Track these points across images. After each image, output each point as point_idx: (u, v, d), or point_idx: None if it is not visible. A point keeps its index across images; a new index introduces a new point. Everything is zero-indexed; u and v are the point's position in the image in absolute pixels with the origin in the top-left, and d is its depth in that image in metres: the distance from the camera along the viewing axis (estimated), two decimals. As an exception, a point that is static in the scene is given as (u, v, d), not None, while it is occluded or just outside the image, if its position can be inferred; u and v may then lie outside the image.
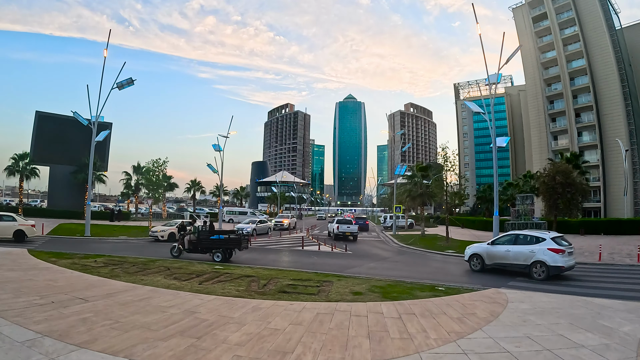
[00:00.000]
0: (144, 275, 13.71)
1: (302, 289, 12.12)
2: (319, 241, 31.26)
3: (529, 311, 9.71)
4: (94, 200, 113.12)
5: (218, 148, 46.92)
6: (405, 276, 16.34)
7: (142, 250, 23.41)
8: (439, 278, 16.39)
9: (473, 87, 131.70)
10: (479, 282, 15.25)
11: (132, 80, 33.23)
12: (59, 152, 49.99)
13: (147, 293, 10.58)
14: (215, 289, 11.43)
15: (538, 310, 9.79)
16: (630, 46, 67.66)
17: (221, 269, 15.89)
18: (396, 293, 11.98)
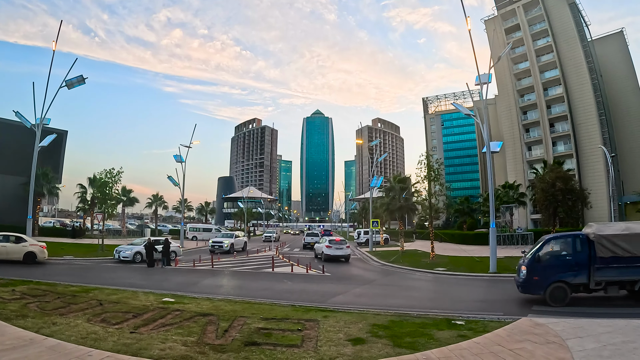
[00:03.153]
0: (61, 315, 10.01)
1: (278, 335, 8.67)
2: (291, 261, 27.59)
3: (605, 354, 7.53)
4: (53, 215, 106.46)
5: (180, 159, 43.28)
6: (404, 305, 13.40)
7: (83, 275, 19.62)
8: (445, 305, 13.86)
9: (442, 101, 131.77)
10: (495, 308, 12.88)
11: (83, 78, 29.23)
12: (7, 161, 44.93)
13: (40, 356, 6.94)
14: (152, 343, 7.82)
15: (616, 351, 7.66)
16: (600, 58, 68.01)
17: (171, 302, 12.23)
18: (409, 336, 8.76)
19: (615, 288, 13.16)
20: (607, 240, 12.93)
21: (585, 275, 13.10)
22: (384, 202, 40.69)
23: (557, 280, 13.20)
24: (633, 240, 12.85)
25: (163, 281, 18.68)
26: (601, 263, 12.95)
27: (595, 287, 13.15)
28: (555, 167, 28.43)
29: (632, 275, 12.85)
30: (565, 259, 13.53)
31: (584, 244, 13.38)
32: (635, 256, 12.76)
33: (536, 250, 14.05)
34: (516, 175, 66.86)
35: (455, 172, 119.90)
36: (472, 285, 18.77)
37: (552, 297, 13.16)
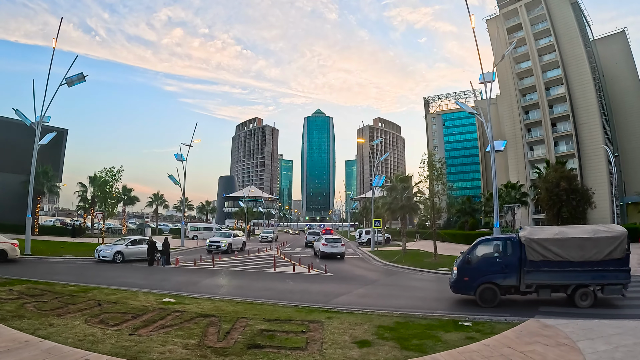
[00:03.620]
0: (59, 316, 9.79)
1: (282, 338, 8.43)
2: (292, 261, 27.31)
3: (618, 356, 7.42)
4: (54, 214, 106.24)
5: (181, 158, 42.95)
6: (409, 306, 13.18)
7: (82, 274, 19.36)
8: (450, 306, 13.63)
9: (443, 101, 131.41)
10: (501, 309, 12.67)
11: (84, 75, 28.99)
12: (7, 160, 44.73)
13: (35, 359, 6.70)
14: (151, 346, 7.58)
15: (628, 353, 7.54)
16: (602, 58, 67.73)
17: (172, 303, 11.98)
18: (416, 338, 8.54)
19: (547, 291, 13.24)
20: (537, 244, 13.04)
21: (515, 278, 13.24)
22: (386, 202, 40.36)
23: (486, 282, 13.36)
24: (565, 244, 12.95)
25: (163, 281, 18.43)
26: (531, 266, 13.06)
27: (526, 289, 13.26)
28: (559, 167, 28.19)
29: (564, 280, 12.95)
30: (495, 261, 13.65)
31: (515, 247, 13.50)
32: (566, 260, 12.86)
33: (467, 252, 14.27)
34: (518, 175, 66.58)
35: (456, 171, 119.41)
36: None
37: (482, 297, 13.30)
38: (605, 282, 12.68)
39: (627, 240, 12.85)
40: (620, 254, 12.62)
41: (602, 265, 12.63)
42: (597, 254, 12.65)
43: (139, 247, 26.56)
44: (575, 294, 12.84)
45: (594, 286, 12.77)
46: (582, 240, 12.91)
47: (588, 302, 12.67)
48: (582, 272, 12.75)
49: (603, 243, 12.69)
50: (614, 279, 12.61)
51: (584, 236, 13.03)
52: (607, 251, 12.59)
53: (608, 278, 12.64)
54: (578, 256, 12.76)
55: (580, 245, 12.84)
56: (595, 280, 12.70)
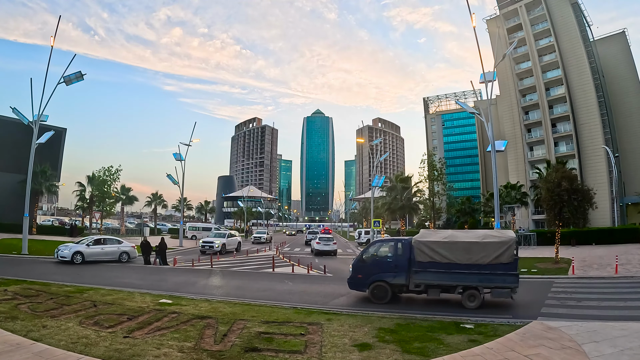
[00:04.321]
0: (52, 317, 9.62)
1: (280, 341, 8.25)
2: (291, 261, 27.16)
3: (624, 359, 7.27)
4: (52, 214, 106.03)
5: (179, 157, 42.79)
6: (410, 307, 13.12)
7: (80, 274, 19.13)
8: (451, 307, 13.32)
9: (442, 101, 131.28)
10: (503, 311, 12.54)
11: (82, 74, 28.75)
12: (5, 159, 44.49)
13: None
14: (146, 348, 7.38)
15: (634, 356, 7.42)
16: (602, 59, 67.60)
17: (168, 304, 11.79)
18: (417, 341, 8.35)
19: (436, 291, 13.59)
20: (425, 246, 13.55)
21: (404, 277, 13.76)
22: (386, 202, 40.39)
23: (378, 280, 14.01)
24: (452, 247, 13.38)
25: (161, 281, 18.23)
26: (419, 267, 13.55)
27: (415, 288, 13.74)
28: (560, 167, 27.94)
29: (451, 281, 13.32)
30: (386, 261, 14.31)
31: (405, 249, 14.07)
32: (453, 263, 13.25)
33: (362, 252, 15.33)
34: (518, 175, 66.42)
35: (455, 172, 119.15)
36: (477, 287, 18.34)
37: (374, 294, 13.97)
38: (493, 285, 13.06)
39: (516, 246, 13.23)
40: (508, 259, 12.94)
41: (489, 268, 12.99)
42: (484, 258, 12.99)
43: (101, 248, 24.90)
44: (463, 294, 13.25)
45: (481, 288, 13.12)
46: (470, 244, 13.39)
47: (475, 303, 12.98)
48: (469, 274, 13.14)
49: (491, 248, 13.05)
50: (502, 283, 12.95)
51: (472, 240, 13.56)
52: (495, 255, 12.93)
53: (496, 281, 13.01)
54: (465, 259, 13.16)
55: (467, 248, 13.25)
56: (483, 283, 13.10)
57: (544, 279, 19.21)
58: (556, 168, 27.85)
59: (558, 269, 21.71)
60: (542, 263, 24.25)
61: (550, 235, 33.68)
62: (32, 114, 28.33)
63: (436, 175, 29.51)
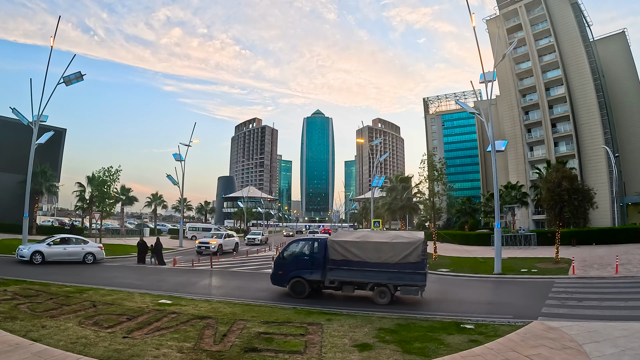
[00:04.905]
0: (52, 317, 9.58)
1: (280, 341, 8.21)
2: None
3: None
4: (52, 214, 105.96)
5: (179, 158, 42.74)
6: (410, 307, 13.08)
7: (80, 274, 19.09)
8: (452, 307, 13.61)
9: (442, 102, 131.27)
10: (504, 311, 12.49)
11: (81, 74, 28.69)
12: (5, 159, 44.45)
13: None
14: (145, 349, 7.35)
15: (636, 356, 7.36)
16: (602, 59, 67.56)
17: (168, 304, 11.76)
18: (418, 341, 8.32)
19: (350, 287, 14.46)
20: (338, 245, 14.44)
21: (320, 274, 14.64)
22: (386, 202, 40.33)
23: (296, 276, 14.94)
24: (363, 247, 14.26)
25: (161, 281, 18.19)
26: (333, 264, 14.43)
27: (330, 284, 14.61)
28: (560, 167, 27.91)
29: (362, 278, 14.13)
30: (304, 259, 15.26)
31: (321, 247, 14.99)
32: (364, 261, 14.07)
33: (282, 250, 16.43)
34: (518, 175, 66.39)
35: (455, 172, 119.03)
36: (478, 287, 18.35)
37: (293, 289, 14.90)
38: (402, 283, 13.80)
39: (424, 246, 14.05)
40: (415, 259, 13.64)
41: (398, 267, 13.72)
42: (393, 257, 13.77)
43: (63, 248, 23.44)
44: (374, 291, 14.06)
45: (391, 285, 13.86)
46: (379, 244, 14.30)
47: (385, 300, 13.76)
48: (380, 272, 13.90)
49: (399, 248, 13.85)
50: (410, 281, 13.67)
51: (381, 240, 14.53)
52: (403, 255, 13.69)
53: (404, 279, 13.73)
54: (375, 258, 13.96)
55: (377, 248, 14.11)
56: (392, 281, 13.84)
57: (545, 279, 19.18)
58: (556, 168, 27.83)
59: (558, 269, 21.68)
60: (542, 263, 24.24)
61: (550, 235, 33.63)
62: (32, 115, 28.26)
63: (436, 175, 29.33)
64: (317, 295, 15.08)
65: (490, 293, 17.01)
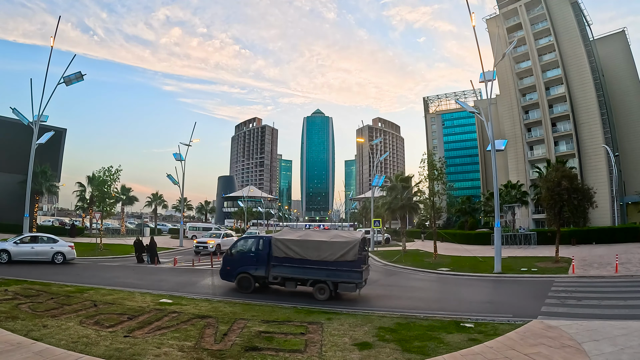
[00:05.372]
0: (53, 317, 9.61)
1: (280, 340, 8.25)
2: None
3: (624, 358, 7.28)
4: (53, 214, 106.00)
5: (179, 157, 42.73)
6: (409, 306, 13.04)
7: (80, 274, 19.12)
8: (452, 306, 13.48)
9: (442, 101, 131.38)
10: (503, 309, 12.49)
11: (82, 74, 28.71)
12: (5, 159, 44.45)
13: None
14: (146, 348, 7.39)
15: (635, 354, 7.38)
16: (602, 58, 67.56)
17: (168, 304, 11.80)
18: (417, 340, 8.35)
19: (292, 283, 15.15)
20: (281, 243, 15.10)
21: (264, 270, 15.40)
22: (386, 202, 40.12)
23: (243, 272, 15.72)
24: (304, 245, 14.90)
25: (161, 281, 18.23)
26: (276, 261, 15.13)
27: (273, 280, 15.27)
28: (560, 166, 27.91)
29: (303, 275, 14.80)
30: (249, 255, 16.07)
31: (265, 245, 15.77)
32: (305, 258, 14.69)
33: (231, 247, 17.19)
34: (518, 174, 66.41)
35: (455, 171, 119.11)
36: (478, 286, 18.36)
37: (240, 284, 15.69)
38: (339, 280, 14.39)
39: (360, 246, 14.69)
40: (352, 257, 14.24)
41: (336, 265, 14.36)
42: (331, 255, 14.39)
43: (31, 247, 22.53)
44: (314, 287, 14.69)
45: (330, 282, 14.43)
46: (319, 242, 14.92)
47: (324, 296, 14.39)
48: (319, 269, 14.54)
49: (337, 247, 14.45)
50: (347, 278, 14.28)
51: (321, 239, 15.18)
52: (340, 254, 14.28)
53: (342, 277, 14.36)
54: (315, 256, 14.58)
55: (317, 247, 14.73)
56: (330, 278, 14.43)
57: (544, 278, 19.20)
58: (556, 167, 27.83)
59: (558, 268, 21.68)
60: (542, 262, 24.25)
61: (550, 235, 33.69)
62: (32, 115, 28.32)
63: (436, 174, 29.34)
64: (265, 289, 15.94)
65: (490, 292, 17.02)
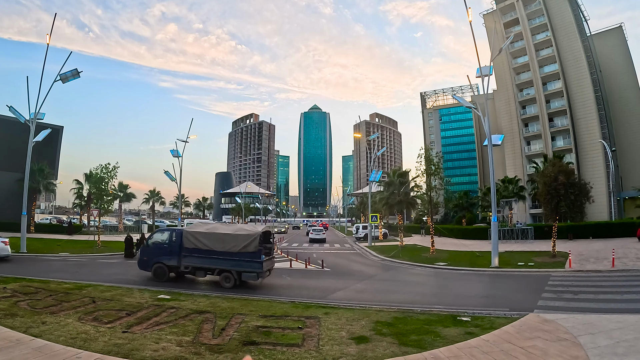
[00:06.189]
0: (52, 314, 9.65)
1: (278, 334, 8.31)
2: (289, 256, 27.24)
3: (620, 351, 7.26)
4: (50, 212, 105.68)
5: (177, 154, 42.64)
6: (407, 301, 13.11)
7: (78, 271, 19.16)
8: (449, 300, 13.48)
9: (439, 96, 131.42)
10: (500, 304, 12.53)
11: (78, 72, 28.68)
12: (2, 157, 44.38)
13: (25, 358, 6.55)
14: (145, 343, 7.45)
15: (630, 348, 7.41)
16: (599, 53, 67.51)
17: (167, 299, 11.85)
18: (414, 334, 8.41)
19: (202, 272, 16.46)
20: (190, 236, 16.38)
21: (176, 260, 16.57)
22: (383, 197, 40.21)
23: (158, 262, 16.84)
24: (210, 237, 16.20)
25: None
26: (186, 252, 16.38)
27: (184, 269, 16.55)
28: (557, 161, 27.97)
29: (210, 264, 16.08)
30: (164, 246, 17.14)
31: (177, 237, 16.89)
32: (212, 250, 15.99)
33: (147, 238, 18.25)
34: (515, 169, 66.44)
35: (453, 166, 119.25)
36: (475, 280, 18.45)
37: (155, 274, 16.78)
38: (242, 269, 15.72)
39: (260, 239, 15.93)
40: (253, 249, 15.61)
41: (239, 256, 15.71)
42: (235, 247, 15.75)
43: None
44: (220, 276, 15.96)
45: (234, 272, 15.72)
46: (224, 235, 16.21)
47: (230, 284, 15.65)
48: (224, 260, 15.86)
49: (240, 239, 15.78)
50: (249, 268, 15.66)
51: (225, 232, 16.46)
52: (242, 245, 15.64)
53: (244, 266, 15.69)
54: (220, 247, 15.91)
55: (222, 239, 16.06)
56: (234, 268, 15.75)
57: (541, 272, 19.29)
58: (553, 162, 27.89)
59: (555, 263, 21.78)
60: (539, 257, 24.35)
61: (547, 229, 33.78)
62: (29, 112, 28.30)
63: (433, 169, 29.40)
64: (182, 278, 17.04)
65: (486, 286, 17.10)
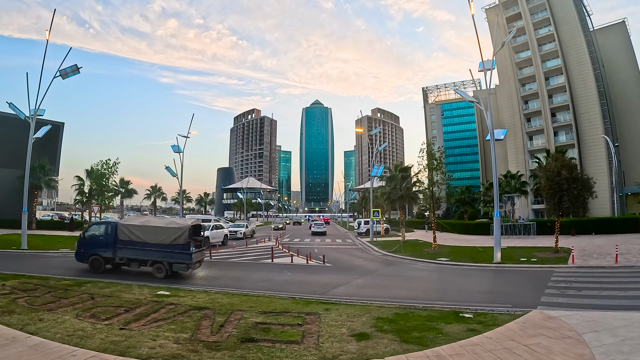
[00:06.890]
0: (50, 310, 9.55)
1: (277, 331, 8.18)
2: (290, 251, 27.13)
3: (625, 349, 7.10)
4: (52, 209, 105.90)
5: (178, 149, 42.53)
6: (408, 297, 12.96)
7: (78, 267, 18.96)
8: (451, 296, 13.34)
9: (441, 91, 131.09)
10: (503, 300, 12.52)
11: (78, 67, 28.50)
12: (3, 154, 44.28)
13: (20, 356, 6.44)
14: (142, 340, 7.33)
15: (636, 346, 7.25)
16: (602, 48, 67.12)
17: (166, 295, 11.74)
18: (416, 331, 8.29)
19: (136, 264, 17.00)
20: (125, 228, 17.05)
21: (112, 252, 17.15)
22: (385, 192, 40.04)
23: (94, 254, 17.39)
24: (143, 230, 16.87)
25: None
26: (121, 244, 17.00)
27: (119, 261, 17.14)
28: (559, 156, 27.73)
29: (144, 256, 16.72)
30: (99, 239, 17.67)
31: (112, 229, 17.44)
32: (145, 242, 16.66)
33: (84, 231, 18.61)
34: (517, 165, 66.28)
35: (455, 162, 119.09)
36: (477, 276, 18.32)
37: (92, 265, 17.36)
38: (173, 260, 16.41)
39: (189, 231, 16.57)
40: (183, 241, 16.34)
41: (170, 248, 16.42)
42: (166, 239, 16.47)
43: None
44: (153, 267, 16.55)
45: (165, 263, 16.36)
46: (156, 228, 16.98)
47: (162, 274, 16.29)
48: (156, 251, 16.53)
49: (170, 232, 16.59)
50: (179, 259, 16.37)
51: (157, 225, 17.24)
52: (173, 238, 16.40)
53: (175, 258, 16.40)
54: (152, 239, 16.61)
55: (154, 231, 16.79)
56: (165, 259, 16.42)
57: (544, 268, 19.15)
58: (556, 157, 27.65)
59: (558, 258, 21.63)
60: (541, 252, 24.22)
61: (550, 225, 33.64)
62: (29, 109, 28.17)
63: (435, 164, 29.26)
64: (118, 270, 17.51)
65: (489, 282, 16.97)
